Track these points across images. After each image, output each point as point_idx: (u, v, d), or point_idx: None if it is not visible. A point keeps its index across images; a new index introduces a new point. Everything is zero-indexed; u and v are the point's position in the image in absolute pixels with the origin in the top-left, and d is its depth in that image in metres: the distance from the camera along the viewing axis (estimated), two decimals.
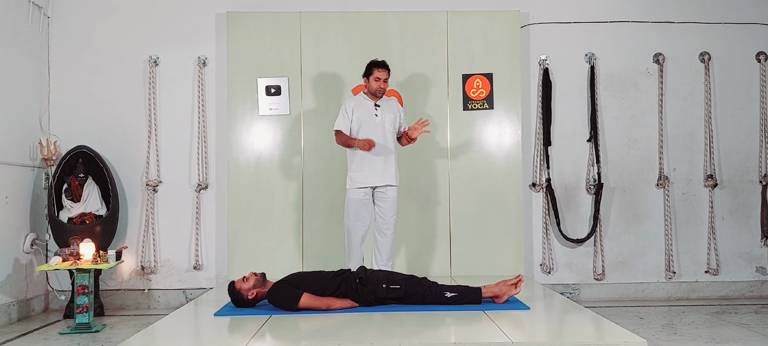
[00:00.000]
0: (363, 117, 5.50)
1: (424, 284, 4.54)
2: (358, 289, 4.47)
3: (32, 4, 6.05)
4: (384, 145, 5.48)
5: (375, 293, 4.46)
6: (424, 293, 4.49)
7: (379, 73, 5.49)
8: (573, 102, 6.53)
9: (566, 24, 6.55)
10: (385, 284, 4.49)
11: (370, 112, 5.52)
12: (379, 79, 5.49)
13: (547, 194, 6.46)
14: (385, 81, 5.51)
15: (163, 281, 6.34)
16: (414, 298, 4.48)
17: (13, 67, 5.82)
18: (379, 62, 5.53)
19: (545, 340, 3.71)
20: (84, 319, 5.14)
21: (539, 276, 6.45)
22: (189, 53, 6.41)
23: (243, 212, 6.23)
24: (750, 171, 6.56)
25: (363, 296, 4.46)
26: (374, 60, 5.56)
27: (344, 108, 5.55)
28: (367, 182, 5.48)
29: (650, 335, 4.77)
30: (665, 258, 6.47)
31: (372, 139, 5.35)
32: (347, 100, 5.66)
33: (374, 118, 5.51)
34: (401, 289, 4.48)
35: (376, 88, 5.50)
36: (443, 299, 4.47)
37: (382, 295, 4.47)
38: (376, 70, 5.50)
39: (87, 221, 5.88)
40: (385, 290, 4.47)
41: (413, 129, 5.50)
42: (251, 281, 4.49)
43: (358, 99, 5.61)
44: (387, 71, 5.52)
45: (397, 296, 4.49)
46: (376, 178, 5.48)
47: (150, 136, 6.34)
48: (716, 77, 6.57)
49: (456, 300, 4.48)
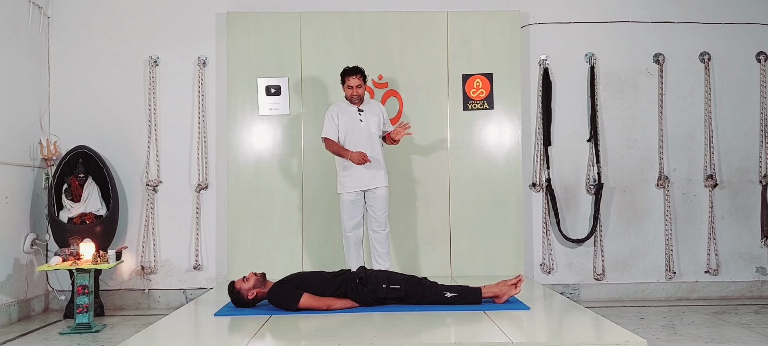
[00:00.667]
0: (348, 123, 5.55)
1: (424, 284, 4.54)
2: (358, 289, 4.47)
3: (32, 4, 6.05)
4: (370, 149, 5.53)
5: (375, 293, 4.47)
6: (424, 293, 4.50)
7: (350, 80, 5.55)
8: (573, 102, 6.53)
9: (566, 24, 6.55)
10: (385, 284, 4.49)
11: (355, 117, 5.57)
12: (351, 86, 5.55)
13: (547, 194, 6.46)
14: (358, 87, 5.55)
15: (163, 281, 6.34)
16: (414, 298, 4.49)
17: (13, 67, 5.81)
18: (350, 69, 5.58)
19: (545, 340, 3.71)
20: (84, 319, 5.14)
21: (539, 276, 6.45)
22: (189, 53, 6.41)
23: (243, 212, 6.23)
24: (750, 171, 6.56)
25: (363, 296, 4.47)
26: (345, 68, 5.61)
27: (330, 114, 5.60)
28: (357, 186, 5.56)
29: (650, 335, 4.77)
30: (665, 258, 6.47)
31: (365, 153, 5.40)
32: (331, 107, 5.68)
33: (359, 123, 5.56)
34: (401, 289, 4.49)
35: (350, 95, 5.58)
36: (443, 299, 4.48)
37: (382, 295, 4.48)
38: (347, 78, 5.56)
39: (87, 221, 5.88)
40: (385, 290, 4.47)
41: (396, 132, 5.58)
42: (251, 281, 4.49)
43: (341, 104, 5.65)
44: (359, 76, 5.55)
45: (397, 296, 4.49)
46: (365, 182, 5.56)
47: (150, 136, 6.34)
48: (716, 77, 6.57)
49: (456, 300, 4.48)
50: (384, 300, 4.50)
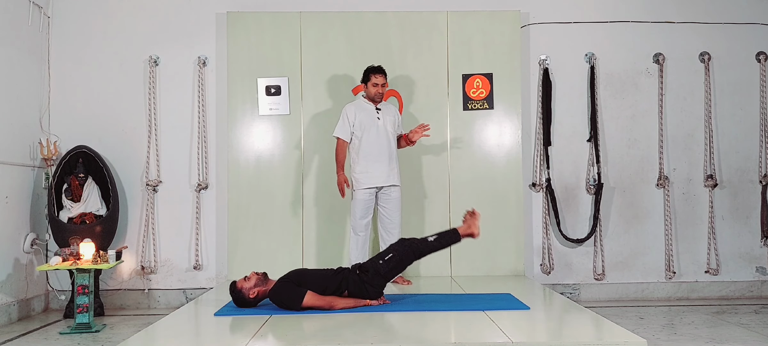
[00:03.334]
0: (365, 121, 5.58)
1: (409, 243, 4.75)
2: (362, 279, 4.51)
3: (32, 4, 6.05)
4: (388, 148, 5.61)
5: (378, 272, 4.57)
6: (413, 249, 4.71)
7: (376, 78, 5.59)
8: (573, 102, 6.53)
9: (566, 24, 6.55)
10: (381, 260, 4.64)
11: (372, 116, 5.62)
12: (377, 84, 5.60)
13: (547, 194, 6.46)
14: (383, 86, 5.59)
15: (163, 281, 6.34)
16: (407, 258, 4.69)
17: (13, 67, 5.82)
18: (376, 68, 5.62)
19: (545, 340, 3.71)
20: (84, 319, 5.14)
21: (539, 276, 6.45)
22: (189, 53, 6.41)
23: (243, 212, 6.23)
24: (750, 171, 6.56)
25: (368, 283, 4.52)
26: (371, 66, 5.64)
27: (345, 114, 5.63)
28: (372, 183, 5.59)
29: (650, 335, 4.77)
30: (665, 258, 6.47)
31: (343, 189, 5.55)
32: (348, 106, 5.70)
33: (377, 121, 5.62)
34: (394, 255, 4.66)
35: (374, 93, 5.61)
36: (428, 245, 4.72)
37: (384, 270, 4.60)
38: (373, 76, 5.60)
39: (87, 220, 5.88)
40: (384, 264, 4.61)
41: (414, 132, 5.63)
42: (253, 280, 4.49)
43: (358, 104, 5.69)
44: (384, 76, 5.63)
45: (394, 264, 4.64)
46: (380, 179, 5.60)
47: (150, 136, 6.34)
48: (716, 77, 6.57)
49: (439, 243, 4.74)
50: (388, 275, 4.62)
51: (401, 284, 5.68)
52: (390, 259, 4.63)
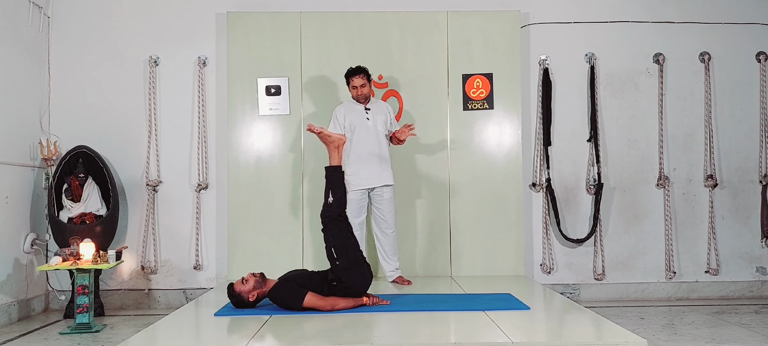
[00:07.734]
0: (355, 122, 5.60)
1: (329, 226, 4.73)
2: (341, 284, 4.49)
3: (32, 4, 6.05)
4: (378, 148, 5.61)
5: (343, 270, 4.52)
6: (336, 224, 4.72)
7: (354, 80, 5.62)
8: (573, 102, 6.53)
9: (566, 24, 6.55)
10: (336, 263, 4.57)
11: (362, 116, 5.63)
12: (356, 86, 5.62)
13: (547, 194, 6.46)
14: (362, 86, 5.61)
15: (163, 281, 6.34)
16: (343, 234, 4.69)
17: (13, 67, 5.81)
18: (353, 70, 5.64)
19: (545, 340, 3.71)
20: (84, 319, 5.14)
21: (539, 276, 6.45)
22: (189, 53, 6.41)
23: (243, 212, 6.23)
24: (750, 171, 6.56)
25: (348, 286, 4.49)
26: (349, 68, 5.67)
27: (335, 115, 5.68)
28: (364, 185, 5.60)
29: (650, 335, 4.77)
30: (665, 258, 6.47)
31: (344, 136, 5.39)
32: (338, 107, 5.73)
33: (366, 122, 5.62)
34: (336, 248, 4.60)
35: (355, 95, 5.64)
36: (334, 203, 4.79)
37: (344, 265, 4.53)
38: (351, 78, 5.63)
39: (87, 221, 5.88)
40: (340, 262, 4.54)
41: (401, 132, 5.61)
42: (251, 282, 4.46)
43: (348, 104, 5.72)
44: (363, 76, 5.61)
45: (344, 251, 4.58)
46: (371, 180, 5.61)
47: (150, 136, 6.34)
48: (716, 77, 6.57)
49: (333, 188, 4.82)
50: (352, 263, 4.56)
51: (401, 284, 5.67)
52: (338, 254, 4.57)
